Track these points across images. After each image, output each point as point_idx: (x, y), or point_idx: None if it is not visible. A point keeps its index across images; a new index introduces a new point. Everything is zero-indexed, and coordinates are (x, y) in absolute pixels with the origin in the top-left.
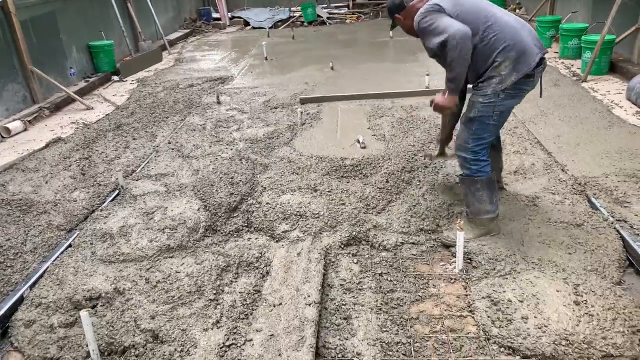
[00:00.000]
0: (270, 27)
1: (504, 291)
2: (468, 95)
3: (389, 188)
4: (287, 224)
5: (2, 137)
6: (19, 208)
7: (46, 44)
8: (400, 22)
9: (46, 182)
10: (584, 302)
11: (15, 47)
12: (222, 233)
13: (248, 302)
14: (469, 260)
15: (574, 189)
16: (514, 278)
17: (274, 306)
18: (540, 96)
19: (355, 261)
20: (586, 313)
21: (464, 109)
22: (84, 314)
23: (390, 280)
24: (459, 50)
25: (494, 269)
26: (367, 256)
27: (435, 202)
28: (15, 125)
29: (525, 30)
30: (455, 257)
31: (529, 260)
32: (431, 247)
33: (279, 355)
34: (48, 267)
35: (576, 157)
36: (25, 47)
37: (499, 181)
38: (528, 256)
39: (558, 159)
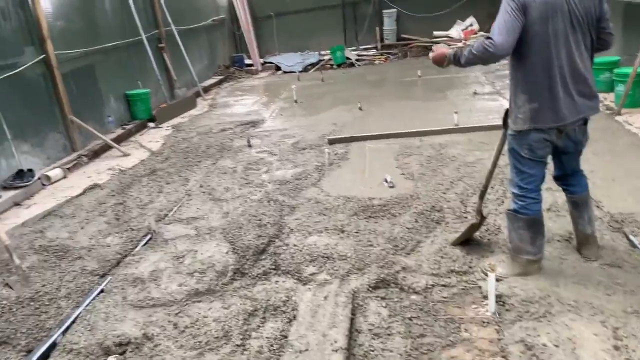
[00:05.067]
0: (300, 71)
1: (539, 335)
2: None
3: (418, 228)
4: (314, 266)
5: (43, 184)
6: (55, 254)
7: (85, 94)
8: None
9: (82, 228)
10: (625, 346)
11: (57, 98)
12: (249, 276)
13: (275, 348)
14: (501, 303)
15: (610, 226)
16: (549, 321)
17: (300, 352)
18: None
19: (384, 305)
20: (627, 358)
21: None
22: None
23: (421, 325)
24: (481, 58)
25: (528, 311)
26: (396, 299)
27: (467, 243)
28: (55, 172)
29: (572, 87)
30: (487, 299)
31: (564, 302)
32: (463, 289)
33: None
34: (80, 312)
35: (612, 192)
36: (66, 98)
37: (589, 242)
38: (563, 297)
39: (592, 195)
